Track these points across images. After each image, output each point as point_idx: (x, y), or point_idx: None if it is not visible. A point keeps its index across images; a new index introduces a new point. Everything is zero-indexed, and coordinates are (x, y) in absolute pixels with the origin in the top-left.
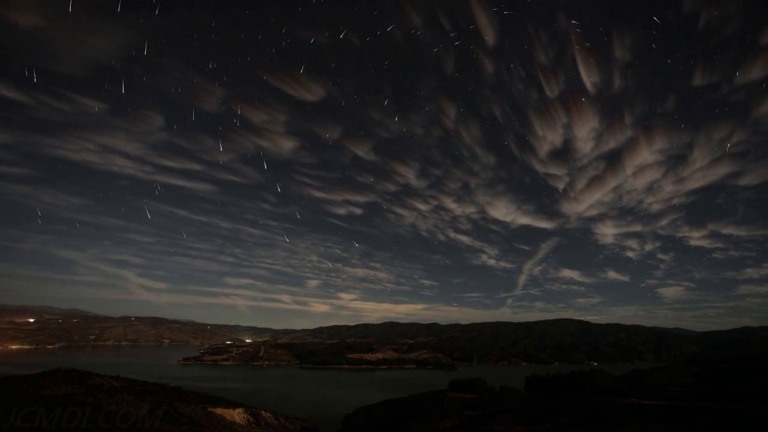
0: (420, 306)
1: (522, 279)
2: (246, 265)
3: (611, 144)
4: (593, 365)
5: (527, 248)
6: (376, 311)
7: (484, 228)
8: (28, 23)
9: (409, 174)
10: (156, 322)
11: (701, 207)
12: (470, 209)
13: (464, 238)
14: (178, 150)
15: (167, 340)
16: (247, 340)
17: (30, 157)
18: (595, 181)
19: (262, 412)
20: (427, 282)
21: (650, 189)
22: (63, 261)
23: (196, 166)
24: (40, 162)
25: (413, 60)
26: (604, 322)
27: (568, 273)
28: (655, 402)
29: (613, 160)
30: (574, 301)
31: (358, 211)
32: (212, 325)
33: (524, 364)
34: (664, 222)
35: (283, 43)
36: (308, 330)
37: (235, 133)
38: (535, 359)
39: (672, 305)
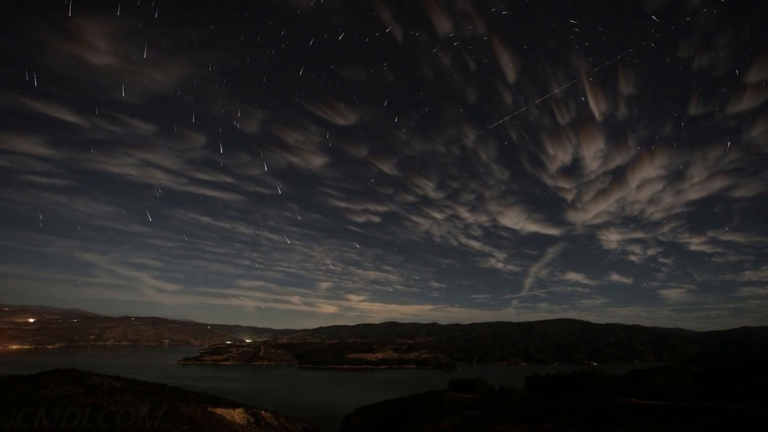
0: (427, 307)
1: (528, 281)
2: (260, 268)
3: (616, 162)
4: (593, 365)
5: (534, 253)
6: (382, 312)
7: (494, 234)
8: (103, 63)
9: (427, 187)
10: (156, 322)
11: (700, 216)
12: (482, 218)
13: (475, 244)
14: (214, 165)
15: (167, 340)
16: (247, 340)
17: (74, 170)
18: (601, 193)
19: (262, 412)
20: (435, 284)
21: (652, 200)
22: (84, 264)
23: (228, 179)
24: (82, 174)
25: (441, 92)
26: (605, 321)
27: (573, 276)
28: (655, 402)
29: (618, 175)
30: (578, 302)
31: (377, 219)
32: (212, 325)
33: (524, 364)
34: (665, 229)
35: (327, 81)
36: (308, 330)
37: (269, 150)
38: (535, 359)
39: (674, 306)
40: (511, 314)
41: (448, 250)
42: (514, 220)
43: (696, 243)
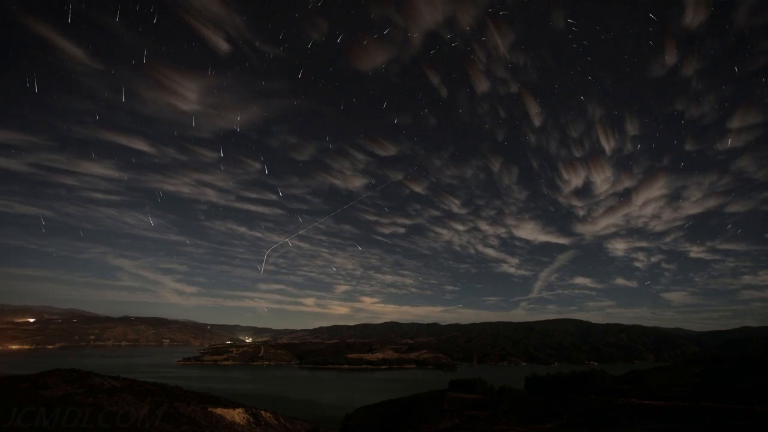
0: (438, 308)
1: (537, 285)
2: (284, 273)
3: (623, 185)
4: (593, 365)
5: (545, 259)
6: (394, 313)
7: (509, 244)
8: (189, 108)
9: (453, 204)
10: (156, 322)
11: (698, 228)
12: (500, 230)
13: (491, 252)
14: (263, 185)
15: (167, 340)
16: (247, 340)
17: (132, 188)
18: (609, 209)
19: (262, 412)
20: (449, 287)
21: (654, 215)
22: (113, 268)
23: (273, 197)
24: (138, 192)
25: (475, 132)
26: (605, 321)
27: (580, 280)
28: (655, 402)
29: (624, 196)
30: (584, 304)
31: (402, 230)
32: (212, 325)
33: (524, 364)
34: (667, 239)
35: (378, 123)
36: (308, 330)
37: (316, 173)
38: (535, 359)
39: (678, 308)
40: (519, 315)
41: (465, 257)
42: (529, 232)
43: (696, 251)
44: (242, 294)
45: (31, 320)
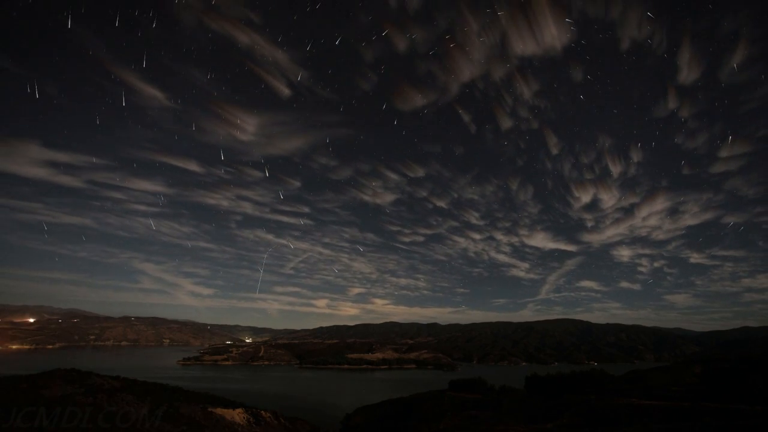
0: (448, 309)
1: (545, 288)
2: (302, 276)
3: (628, 201)
4: (593, 365)
5: (554, 264)
6: (404, 314)
7: (521, 251)
8: (245, 139)
9: (472, 216)
10: (156, 322)
11: (697, 237)
12: (513, 239)
13: (503, 257)
14: (299, 199)
15: (167, 340)
16: (247, 340)
17: (174, 202)
18: (615, 221)
19: (262, 412)
20: (460, 290)
21: (657, 226)
22: (135, 271)
23: (306, 209)
24: (179, 205)
25: (497, 158)
26: (605, 321)
27: (587, 283)
28: (655, 402)
29: (628, 210)
30: (590, 305)
31: (421, 239)
32: (212, 325)
33: (524, 364)
34: (669, 247)
35: (410, 150)
36: (308, 330)
37: (349, 190)
38: (535, 359)
39: (680, 310)
40: (526, 316)
41: (478, 262)
42: (540, 240)
43: (696, 257)
44: (256, 296)
45: (31, 320)
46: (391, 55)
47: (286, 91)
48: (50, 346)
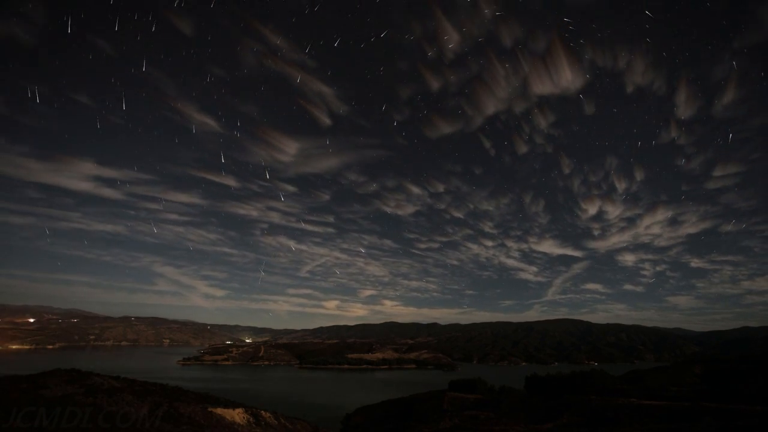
0: (455, 311)
1: (551, 290)
2: (318, 279)
3: (632, 213)
4: (593, 365)
5: (561, 268)
6: (412, 314)
7: (529, 256)
8: (287, 160)
9: (486, 226)
10: (156, 322)
11: (696, 243)
12: (523, 246)
13: (512, 262)
14: (327, 210)
15: (167, 340)
16: (247, 340)
17: (206, 212)
18: (619, 230)
19: (262, 412)
20: (468, 292)
21: (658, 234)
22: (154, 274)
23: (331, 218)
24: (210, 215)
25: (512, 176)
26: (605, 321)
27: (592, 286)
28: (655, 402)
29: (632, 220)
30: (594, 306)
31: (437, 245)
32: (212, 325)
33: (524, 364)
34: (670, 253)
35: (436, 172)
36: (308, 330)
37: (374, 201)
38: (535, 359)
39: (682, 311)
40: (532, 317)
41: (488, 266)
42: (548, 247)
43: (697, 262)
44: (267, 297)
45: (31, 320)
46: (425, 92)
47: (327, 121)
48: (50, 346)
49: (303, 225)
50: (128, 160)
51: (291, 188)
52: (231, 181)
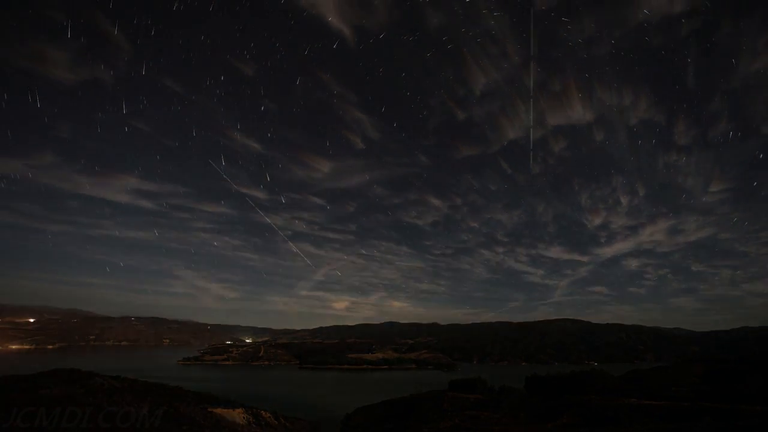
0: (462, 311)
1: (557, 292)
2: (332, 282)
3: (634, 222)
4: (593, 365)
5: (567, 272)
6: (419, 314)
7: (537, 260)
8: (318, 176)
9: (498, 234)
10: (156, 322)
11: (696, 250)
12: (532, 251)
13: (520, 265)
14: (351, 219)
15: (167, 340)
16: (247, 340)
17: (233, 221)
18: (623, 238)
19: (262, 412)
20: (476, 293)
21: (660, 241)
22: (173, 277)
23: (353, 227)
24: (237, 224)
25: (525, 193)
26: (605, 321)
27: (596, 288)
28: (655, 402)
29: (635, 229)
30: (599, 307)
31: (450, 251)
32: (212, 325)
33: (524, 364)
34: (671, 258)
35: (455, 188)
36: (308, 330)
37: (393, 212)
38: (535, 359)
39: (684, 312)
40: (537, 317)
41: (497, 270)
42: (555, 252)
43: (697, 266)
44: (276, 299)
45: (31, 320)
46: (451, 122)
47: (360, 144)
48: (50, 346)
49: (326, 233)
50: (169, 176)
51: (319, 200)
52: (262, 195)
